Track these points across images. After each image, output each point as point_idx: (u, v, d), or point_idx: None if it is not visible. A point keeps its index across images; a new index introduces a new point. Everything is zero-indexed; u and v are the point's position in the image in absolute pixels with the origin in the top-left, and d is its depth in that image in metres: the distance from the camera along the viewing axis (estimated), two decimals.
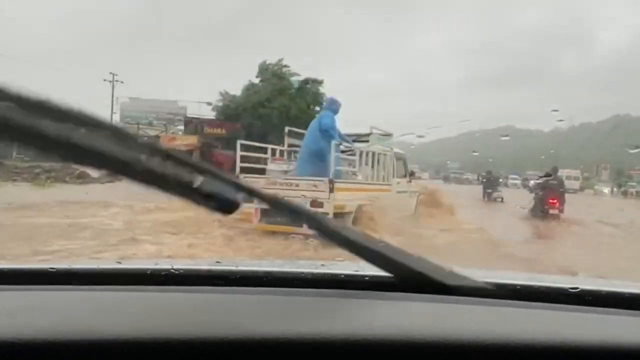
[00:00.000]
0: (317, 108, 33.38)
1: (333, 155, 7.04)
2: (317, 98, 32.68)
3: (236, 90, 32.10)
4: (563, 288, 1.05)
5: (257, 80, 31.81)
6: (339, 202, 6.82)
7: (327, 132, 7.26)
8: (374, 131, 8.81)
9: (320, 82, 32.80)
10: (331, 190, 6.73)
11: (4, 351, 0.73)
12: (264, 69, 31.04)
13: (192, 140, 30.41)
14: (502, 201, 19.73)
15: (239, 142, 8.36)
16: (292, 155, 8.64)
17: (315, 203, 6.58)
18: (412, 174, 10.14)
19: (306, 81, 31.96)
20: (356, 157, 7.93)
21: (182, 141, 30.54)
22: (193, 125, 31.25)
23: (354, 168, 7.95)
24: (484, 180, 20.64)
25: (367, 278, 1.07)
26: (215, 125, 30.93)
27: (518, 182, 37.27)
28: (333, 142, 7.11)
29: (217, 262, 1.27)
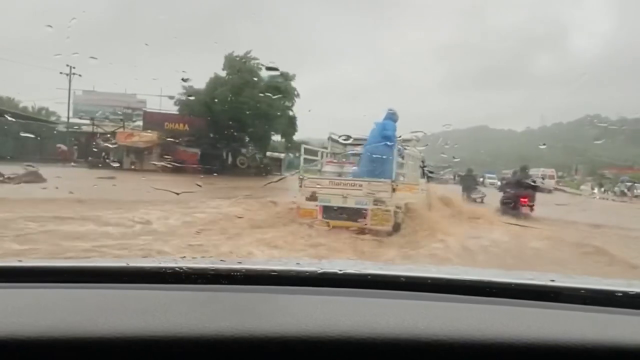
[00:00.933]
0: (289, 103, 31.61)
1: (395, 160, 7.69)
2: (289, 92, 30.82)
3: (202, 84, 29.94)
4: (558, 286, 1.08)
5: (224, 74, 29.67)
6: (396, 200, 7.49)
7: (390, 140, 7.76)
8: (415, 135, 9.17)
9: (291, 77, 30.94)
10: (393, 190, 7.40)
11: (11, 348, 0.73)
12: (231, 62, 28.97)
13: (151, 136, 28.18)
14: (482, 202, 18.14)
15: (302, 146, 8.94)
16: (336, 158, 9.76)
17: (378, 201, 7.32)
18: (430, 174, 10.88)
19: (276, 75, 30.01)
20: (405, 161, 8.70)
21: (140, 137, 28.26)
22: (152, 120, 28.96)
23: (403, 170, 8.59)
24: (463, 179, 19.09)
25: (369, 277, 1.13)
26: (177, 121, 28.78)
27: (496, 180, 36.32)
28: (395, 149, 7.73)
29: (222, 260, 1.33)
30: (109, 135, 29.41)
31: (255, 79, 28.77)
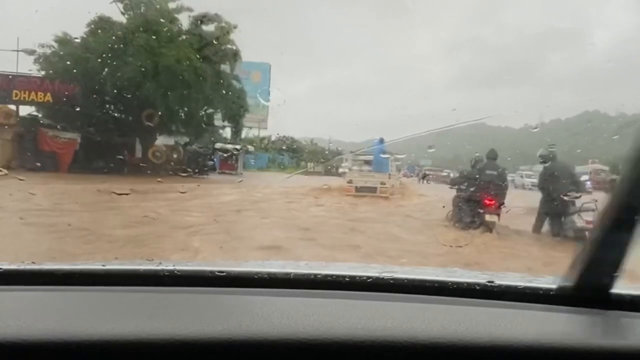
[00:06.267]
0: (226, 67, 20.97)
1: (389, 164, 15.93)
2: (223, 48, 20.03)
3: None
4: (558, 288, 1.08)
5: (119, 17, 18.72)
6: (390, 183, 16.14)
7: (385, 153, 15.03)
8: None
9: (228, 28, 20.17)
10: (389, 178, 15.76)
11: (9, 351, 0.73)
12: None
13: None
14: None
15: (350, 153, 21.15)
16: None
17: (383, 183, 15.15)
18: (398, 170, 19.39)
19: (201, 18, 19.26)
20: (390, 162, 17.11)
21: None
22: None
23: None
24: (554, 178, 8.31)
25: (369, 279, 1.13)
26: (34, 87, 17.84)
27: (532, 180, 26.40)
28: (389, 158, 15.30)
29: (222, 262, 1.28)
30: None
31: (162, 19, 17.85)
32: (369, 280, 1.09)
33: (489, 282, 1.11)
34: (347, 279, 1.10)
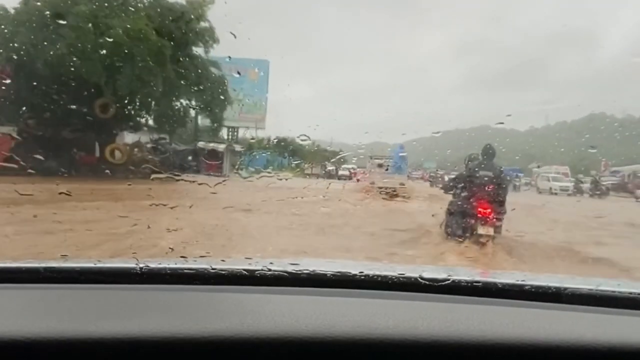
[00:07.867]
0: (200, 49, 17.68)
1: (406, 168, 18.03)
2: (197, 27, 16.70)
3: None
4: (557, 287, 1.09)
5: None
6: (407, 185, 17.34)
7: (404, 158, 17.01)
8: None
9: (202, 3, 16.75)
10: (407, 180, 17.86)
11: (10, 349, 0.72)
12: None
13: None
14: None
15: (369, 156, 17.34)
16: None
17: (402, 184, 16.02)
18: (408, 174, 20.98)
19: None
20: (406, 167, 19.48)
21: None
22: None
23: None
24: None
25: (378, 278, 1.14)
26: None
27: (567, 184, 23.29)
28: (407, 163, 18.21)
29: (222, 260, 1.27)
30: None
31: None
32: (370, 278, 1.11)
33: (492, 280, 1.13)
34: (349, 277, 1.11)
